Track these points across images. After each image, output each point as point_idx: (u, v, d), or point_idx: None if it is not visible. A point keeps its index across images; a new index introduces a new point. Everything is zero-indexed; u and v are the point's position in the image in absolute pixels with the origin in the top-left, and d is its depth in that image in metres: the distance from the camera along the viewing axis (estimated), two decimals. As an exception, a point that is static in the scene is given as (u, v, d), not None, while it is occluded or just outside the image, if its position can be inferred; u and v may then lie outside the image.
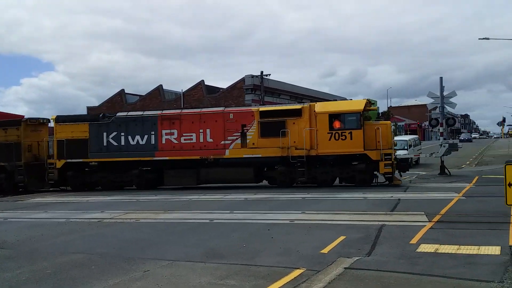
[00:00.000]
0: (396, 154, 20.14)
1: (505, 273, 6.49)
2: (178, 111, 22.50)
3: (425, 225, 10.29)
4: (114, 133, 21.54)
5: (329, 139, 19.03)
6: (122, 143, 21.42)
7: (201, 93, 45.04)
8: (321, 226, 10.83)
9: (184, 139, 20.89)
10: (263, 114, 20.08)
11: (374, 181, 19.59)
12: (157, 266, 7.74)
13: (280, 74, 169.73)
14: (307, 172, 19.27)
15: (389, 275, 6.70)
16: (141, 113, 22.35)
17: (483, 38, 35.37)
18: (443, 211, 12.11)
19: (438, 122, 24.85)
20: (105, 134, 21.61)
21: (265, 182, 21.27)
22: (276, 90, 44.88)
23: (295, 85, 49.67)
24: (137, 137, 21.36)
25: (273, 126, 19.69)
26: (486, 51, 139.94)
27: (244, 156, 20.00)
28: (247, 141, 20.06)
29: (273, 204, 15.32)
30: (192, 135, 20.80)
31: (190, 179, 20.82)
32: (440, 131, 25.23)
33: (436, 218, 11.09)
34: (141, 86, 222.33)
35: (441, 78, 24.59)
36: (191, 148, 20.82)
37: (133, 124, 21.59)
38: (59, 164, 21.82)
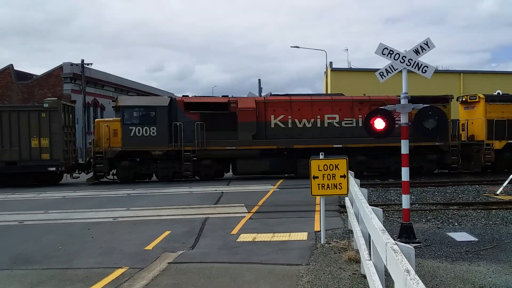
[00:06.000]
0: None
1: (311, 256, 7.35)
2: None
3: (244, 216, 11.01)
4: None
5: None
6: None
7: (10, 78, 39.71)
8: (146, 222, 10.66)
9: None
10: None
11: None
12: None
13: (105, 64, 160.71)
14: None
15: (211, 266, 6.96)
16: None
17: (294, 46, 41.08)
18: (260, 202, 13.12)
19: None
20: None
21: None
22: (100, 81, 42.24)
23: (120, 77, 47.50)
24: None
25: None
26: (297, 58, 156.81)
27: None
28: None
29: (94, 202, 14.46)
30: None
31: None
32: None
33: (254, 209, 11.96)
34: None
35: (259, 80, 27.29)
36: None
37: None
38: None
